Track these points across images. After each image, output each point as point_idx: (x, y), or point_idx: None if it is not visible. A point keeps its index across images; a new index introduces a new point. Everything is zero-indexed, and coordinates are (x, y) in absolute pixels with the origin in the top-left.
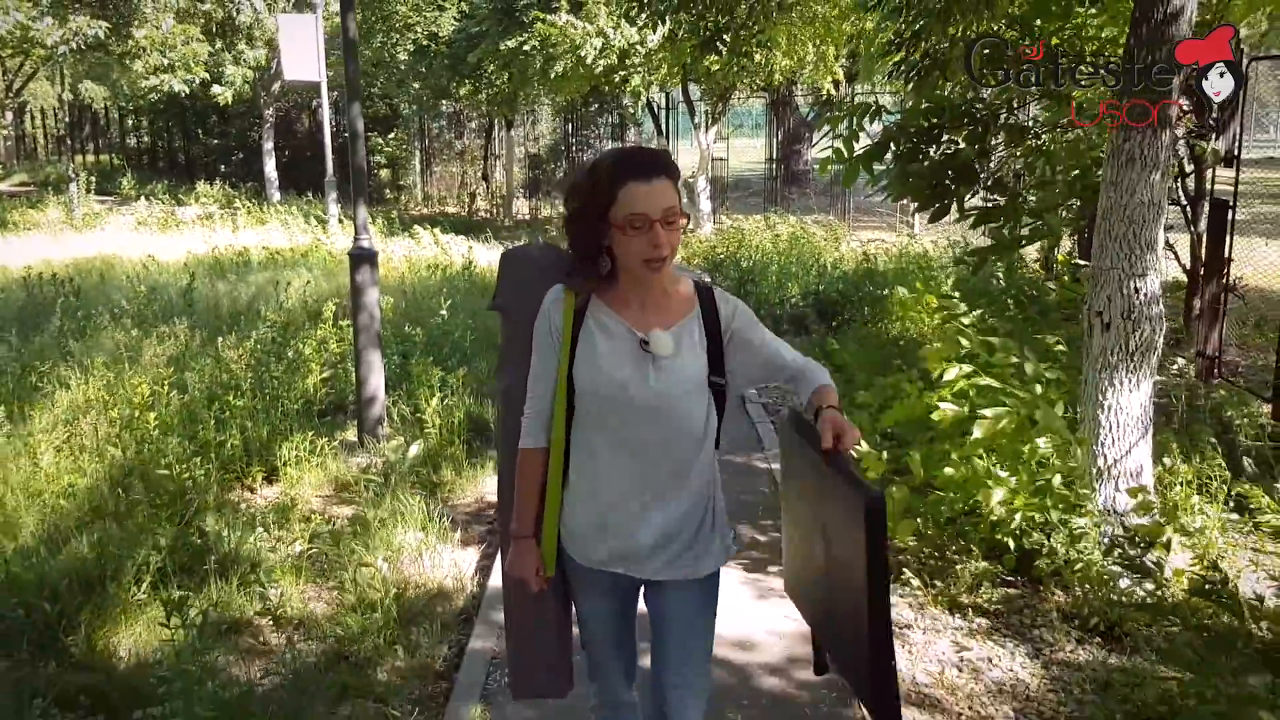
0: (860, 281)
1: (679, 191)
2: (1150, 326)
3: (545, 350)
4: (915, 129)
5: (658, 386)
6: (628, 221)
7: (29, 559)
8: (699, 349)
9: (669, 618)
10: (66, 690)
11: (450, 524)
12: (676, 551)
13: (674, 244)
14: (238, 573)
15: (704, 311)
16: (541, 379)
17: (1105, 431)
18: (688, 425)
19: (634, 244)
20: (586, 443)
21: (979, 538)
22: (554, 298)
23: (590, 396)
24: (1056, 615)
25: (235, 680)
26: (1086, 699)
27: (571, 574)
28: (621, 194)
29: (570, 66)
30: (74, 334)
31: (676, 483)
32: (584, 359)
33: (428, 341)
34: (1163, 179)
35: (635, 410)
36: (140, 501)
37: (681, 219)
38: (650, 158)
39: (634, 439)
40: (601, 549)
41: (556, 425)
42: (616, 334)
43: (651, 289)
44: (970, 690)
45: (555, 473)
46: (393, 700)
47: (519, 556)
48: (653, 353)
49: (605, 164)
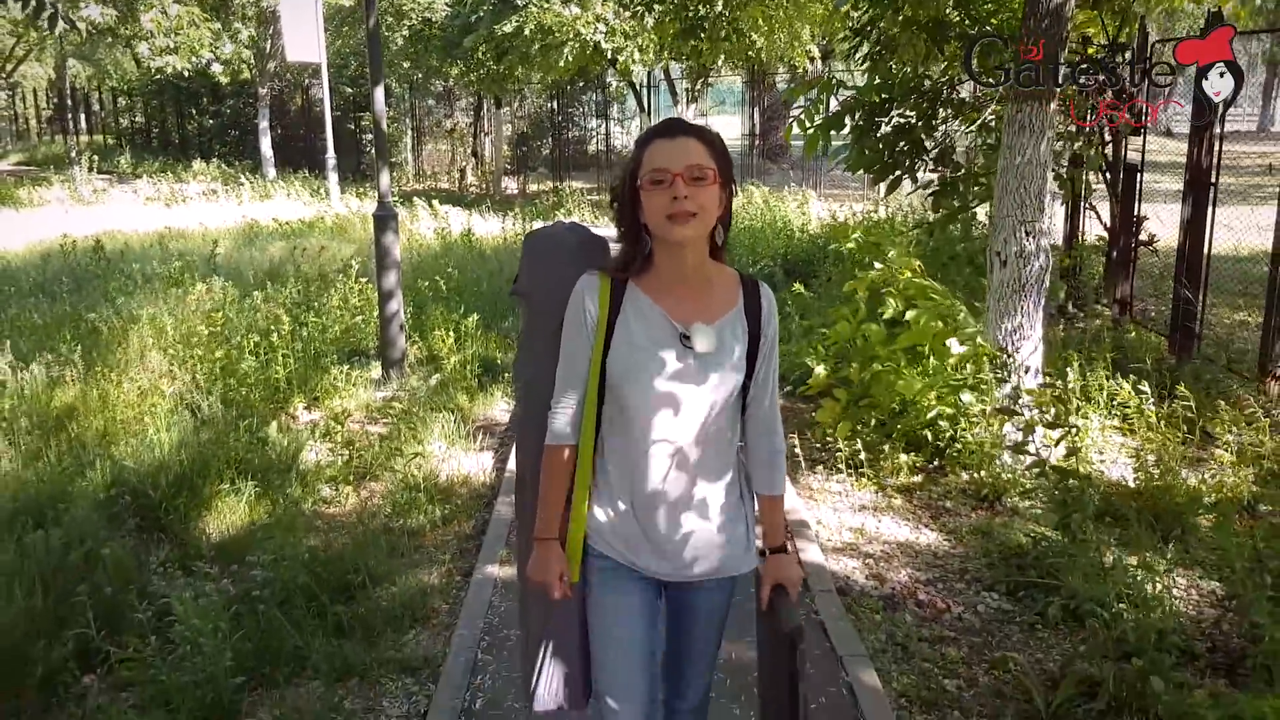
0: (826, 243)
1: (719, 159)
2: (1038, 263)
3: (577, 339)
4: (869, 104)
5: (694, 385)
6: (650, 178)
7: (128, 461)
8: (741, 347)
9: (690, 617)
10: (174, 556)
11: (468, 435)
12: (706, 551)
13: (703, 204)
14: (299, 474)
15: (747, 305)
16: (573, 371)
17: (999, 343)
18: (722, 425)
19: (655, 200)
20: (618, 439)
21: (902, 434)
22: (588, 283)
23: (624, 390)
24: (957, 491)
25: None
26: (971, 544)
27: (595, 572)
28: (647, 153)
29: (574, 51)
30: (119, 292)
31: (710, 482)
32: (619, 349)
33: (438, 295)
34: (1048, 144)
35: (669, 408)
36: (212, 418)
37: (715, 181)
38: (679, 121)
39: (666, 439)
40: (630, 545)
41: (586, 421)
42: (655, 324)
43: (690, 276)
44: (883, 540)
45: (584, 471)
46: (436, 552)
47: (542, 560)
48: (694, 348)
49: (640, 136)
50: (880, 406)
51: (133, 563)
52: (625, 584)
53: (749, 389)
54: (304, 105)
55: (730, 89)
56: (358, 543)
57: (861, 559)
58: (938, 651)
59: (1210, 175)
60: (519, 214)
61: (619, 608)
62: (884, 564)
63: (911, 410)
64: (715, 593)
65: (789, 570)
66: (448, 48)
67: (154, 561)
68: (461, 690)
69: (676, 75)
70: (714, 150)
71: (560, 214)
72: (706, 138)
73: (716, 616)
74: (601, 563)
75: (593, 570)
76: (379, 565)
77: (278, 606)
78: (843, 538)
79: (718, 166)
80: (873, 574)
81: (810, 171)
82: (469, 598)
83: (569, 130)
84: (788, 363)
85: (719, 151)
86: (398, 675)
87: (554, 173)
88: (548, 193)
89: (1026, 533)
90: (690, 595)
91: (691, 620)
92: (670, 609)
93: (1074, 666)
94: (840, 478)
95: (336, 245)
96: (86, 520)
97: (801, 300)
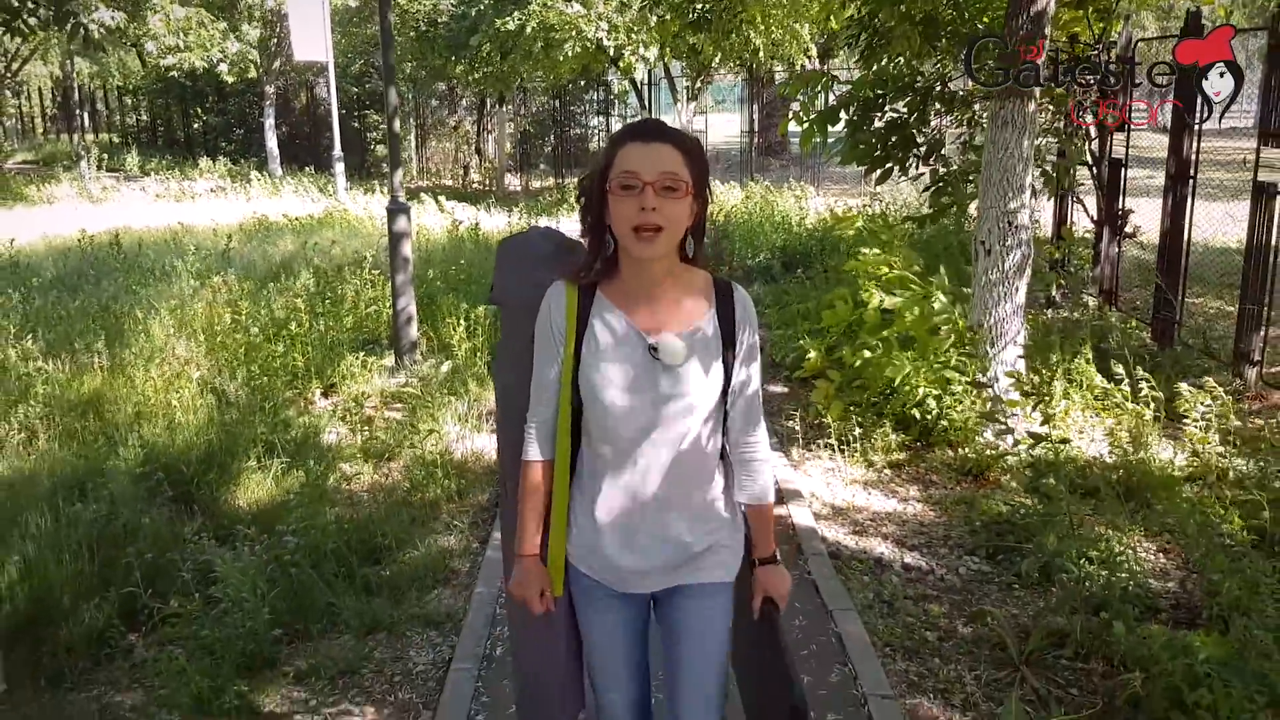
0: (823, 237)
1: (694, 168)
2: (1021, 251)
3: (547, 353)
4: (863, 99)
5: (666, 397)
6: (619, 181)
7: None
8: (714, 356)
9: (679, 629)
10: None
11: (479, 417)
12: (686, 562)
13: (672, 216)
14: (320, 452)
15: (720, 311)
16: (544, 385)
17: (987, 332)
18: (699, 436)
19: (624, 207)
20: (592, 454)
21: (892, 413)
22: (555, 294)
23: (593, 403)
24: (943, 466)
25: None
26: (954, 513)
27: (577, 589)
28: (619, 155)
29: (576, 49)
30: (139, 284)
31: (687, 499)
32: (587, 362)
33: (448, 286)
34: (1030, 139)
35: (641, 422)
36: (237, 400)
37: (687, 193)
38: (657, 124)
39: (641, 453)
40: (609, 564)
41: (561, 435)
42: (621, 335)
43: (658, 283)
44: (872, 510)
45: (561, 486)
46: (454, 521)
47: (522, 577)
48: (661, 360)
49: (614, 133)
50: (871, 388)
51: (169, 533)
52: (604, 602)
53: (728, 397)
54: (309, 104)
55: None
56: (380, 513)
57: (851, 526)
58: (921, 608)
59: (1190, 169)
60: (524, 209)
61: (602, 626)
62: (873, 531)
63: (900, 392)
64: (703, 601)
65: (778, 582)
66: (453, 47)
67: (188, 532)
68: (482, 639)
69: (677, 74)
70: (690, 158)
71: (563, 210)
72: (684, 145)
73: (710, 628)
74: (581, 580)
75: (575, 585)
76: (401, 533)
77: (310, 569)
78: (835, 507)
79: (692, 178)
80: (862, 540)
81: (808, 168)
82: (486, 560)
83: (571, 128)
84: (784, 348)
85: (695, 159)
86: (422, 629)
87: (556, 170)
88: (550, 189)
89: (1007, 502)
90: (677, 607)
91: (681, 632)
92: (662, 624)
93: (1045, 619)
94: (833, 455)
95: (346, 240)
96: (124, 493)
97: (795, 292)
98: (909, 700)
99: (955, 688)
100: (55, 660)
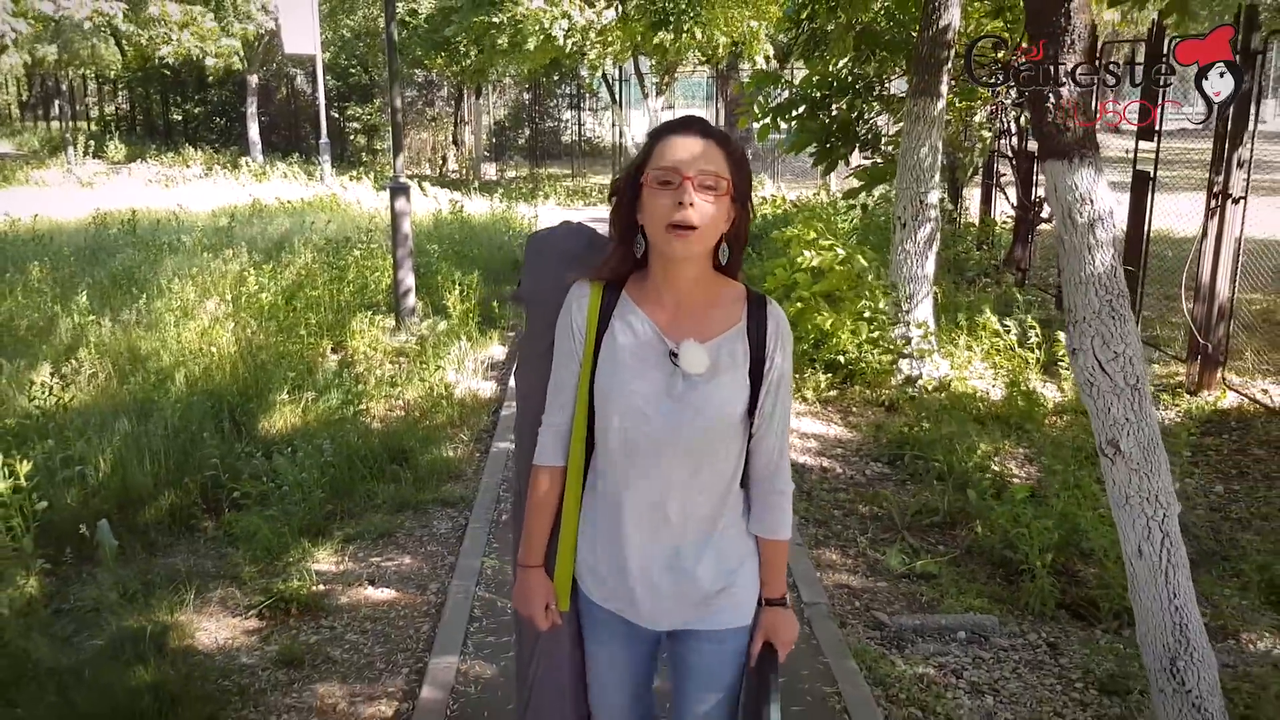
0: (777, 221)
1: (736, 171)
2: (930, 226)
3: (565, 354)
4: (808, 97)
5: (683, 408)
6: (655, 176)
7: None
8: (740, 371)
9: (685, 672)
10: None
11: (475, 364)
12: (700, 602)
13: (709, 217)
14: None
15: (751, 326)
16: (560, 387)
17: (902, 293)
18: (716, 461)
19: (659, 202)
20: (608, 466)
21: (822, 360)
22: (578, 294)
23: (605, 410)
24: (862, 401)
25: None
26: (867, 434)
27: (584, 611)
28: (659, 147)
29: (540, 44)
30: (155, 257)
31: (702, 525)
32: (603, 366)
33: (443, 256)
34: (939, 131)
35: (654, 431)
36: (266, 344)
37: (727, 194)
38: (700, 121)
39: (654, 467)
40: (617, 593)
41: (575, 441)
42: (642, 338)
43: (688, 288)
44: (802, 432)
45: (573, 495)
46: (458, 436)
47: (525, 589)
48: (681, 367)
49: (655, 127)
50: (804, 338)
51: (224, 447)
52: (609, 633)
53: (753, 420)
54: (288, 95)
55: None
56: (399, 430)
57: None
58: (832, 496)
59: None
60: (504, 195)
61: (609, 659)
62: (801, 448)
63: (828, 342)
64: (717, 645)
65: (785, 627)
66: (431, 38)
67: (238, 449)
68: (490, 512)
69: (645, 70)
70: (732, 160)
71: (539, 198)
72: (727, 146)
73: (723, 668)
74: (588, 607)
75: (582, 610)
76: (416, 444)
77: (346, 468)
78: None
79: (733, 179)
80: (791, 454)
81: (767, 163)
82: (489, 462)
83: (544, 120)
84: None
85: (738, 163)
86: (441, 508)
87: (530, 160)
88: (524, 179)
89: (908, 425)
90: (687, 648)
91: (685, 675)
92: (671, 658)
93: (922, 497)
94: None
95: (339, 220)
96: (182, 414)
97: (749, 261)
98: (814, 551)
99: (851, 545)
100: (145, 536)
